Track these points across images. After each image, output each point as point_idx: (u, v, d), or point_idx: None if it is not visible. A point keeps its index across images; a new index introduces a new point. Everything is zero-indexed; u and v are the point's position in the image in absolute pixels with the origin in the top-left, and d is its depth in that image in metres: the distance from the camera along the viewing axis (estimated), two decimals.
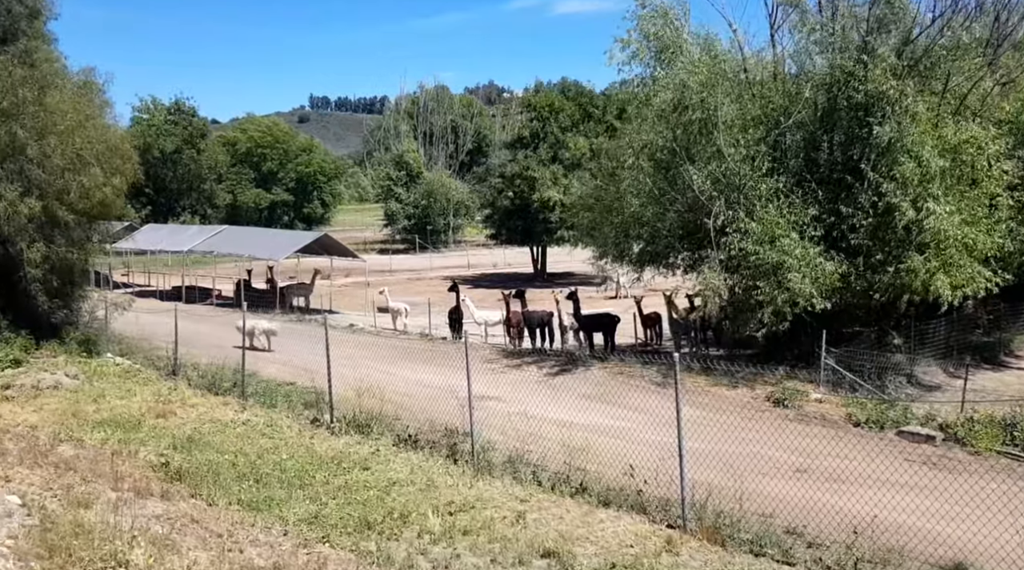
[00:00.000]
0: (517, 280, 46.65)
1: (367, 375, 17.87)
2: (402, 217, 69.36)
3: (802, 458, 13.17)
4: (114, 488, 8.94)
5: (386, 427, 13.88)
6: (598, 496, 10.46)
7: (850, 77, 17.14)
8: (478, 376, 19.50)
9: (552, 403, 15.82)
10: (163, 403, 14.64)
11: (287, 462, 11.62)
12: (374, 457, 12.11)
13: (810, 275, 16.52)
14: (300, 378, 19.23)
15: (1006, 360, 23.10)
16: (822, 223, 17.40)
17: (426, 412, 14.64)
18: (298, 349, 23.52)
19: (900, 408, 15.61)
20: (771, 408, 16.44)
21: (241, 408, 15.08)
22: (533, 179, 42.46)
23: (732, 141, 17.66)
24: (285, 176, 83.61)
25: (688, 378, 18.73)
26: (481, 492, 10.63)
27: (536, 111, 45.07)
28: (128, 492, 8.75)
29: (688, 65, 17.91)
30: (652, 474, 11.07)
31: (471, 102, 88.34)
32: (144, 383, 17.03)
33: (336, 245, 35.19)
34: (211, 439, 12.44)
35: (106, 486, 9.00)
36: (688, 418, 15.59)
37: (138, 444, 11.68)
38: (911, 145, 16.26)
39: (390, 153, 71.88)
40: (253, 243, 34.91)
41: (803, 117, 17.91)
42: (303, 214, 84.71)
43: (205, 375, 18.62)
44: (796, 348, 18.55)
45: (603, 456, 12.20)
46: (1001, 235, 16.97)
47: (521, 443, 13.11)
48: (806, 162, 18.29)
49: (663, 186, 19.53)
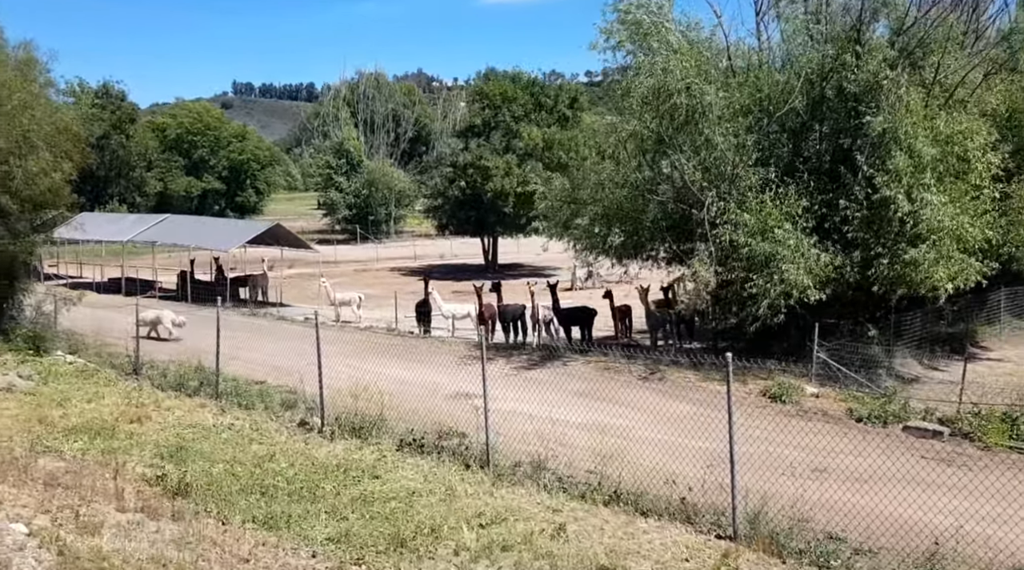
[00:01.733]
0: (467, 271, 45.86)
1: (342, 373, 16.98)
2: (343, 207, 67.69)
3: (817, 456, 12.84)
4: (119, 508, 7.98)
5: (384, 430, 13.03)
6: (635, 504, 9.86)
7: (842, 66, 16.89)
8: (456, 372, 18.94)
9: (544, 400, 15.23)
10: (135, 406, 13.51)
11: (289, 471, 10.73)
12: (381, 464, 11.29)
13: (805, 266, 16.24)
14: (269, 376, 18.26)
15: (973, 351, 23.39)
16: (814, 214, 17.14)
17: (417, 412, 13.84)
18: (260, 345, 22.49)
19: (898, 402, 15.45)
20: (768, 404, 16.10)
21: (220, 411, 14.05)
22: (486, 169, 41.67)
23: (721, 130, 17.24)
24: (217, 164, 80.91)
25: (676, 373, 18.39)
26: (508, 501, 9.94)
27: (488, 99, 44.24)
28: (137, 513, 7.79)
29: (671, 52, 17.41)
30: (679, 478, 10.59)
31: (411, 90, 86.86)
32: (106, 384, 15.81)
33: (288, 235, 33.88)
34: (199, 447, 11.44)
35: (109, 506, 8.03)
36: (681, 414, 15.29)
37: (122, 454, 10.62)
38: (905, 136, 16.09)
39: (329, 141, 69.98)
40: (199, 233, 33.31)
41: (793, 107, 17.60)
42: (236, 203, 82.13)
43: (166, 373, 17.47)
44: (784, 341, 18.30)
45: (617, 458, 11.67)
46: (988, 226, 16.97)
47: (524, 444, 12.46)
48: (796, 152, 18.03)
49: (647, 176, 19.04)
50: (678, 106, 17.18)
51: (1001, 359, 22.46)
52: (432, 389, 16.15)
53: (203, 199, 79.40)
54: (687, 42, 17.84)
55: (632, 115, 18.94)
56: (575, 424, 14.54)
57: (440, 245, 61.95)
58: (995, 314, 25.15)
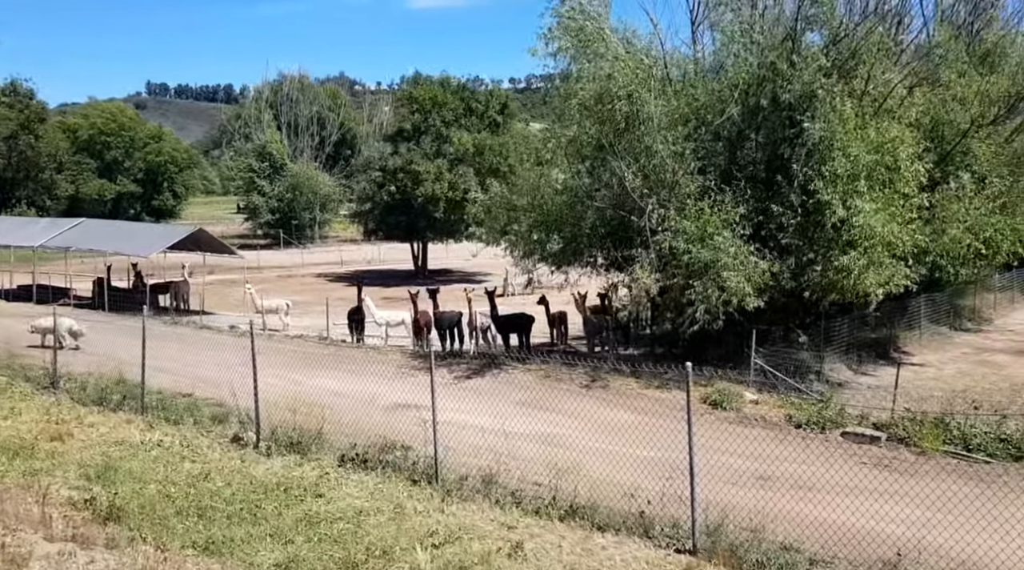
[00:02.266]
0: (397, 277, 45.22)
1: (273, 384, 16.37)
2: (265, 211, 66.03)
3: (759, 464, 12.88)
4: (47, 537, 7.39)
5: (323, 445, 12.53)
6: (591, 519, 9.64)
7: (777, 75, 17.12)
8: (393, 382, 18.50)
9: (485, 411, 14.96)
10: (55, 423, 12.70)
11: (226, 491, 10.18)
12: (324, 481, 10.83)
13: (744, 274, 16.37)
14: (196, 389, 17.49)
15: (896, 356, 24.04)
16: (750, 222, 17.30)
17: (356, 425, 13.39)
18: (184, 355, 21.52)
19: (834, 408, 15.67)
20: (709, 411, 16.14)
21: (147, 426, 13.33)
22: (417, 173, 41.12)
23: (661, 138, 17.27)
24: (132, 166, 78.06)
25: (617, 380, 18.32)
26: (460, 519, 9.61)
27: (418, 104, 43.71)
28: (68, 542, 7.21)
29: (613, 58, 17.39)
30: (632, 490, 10.44)
31: (336, 92, 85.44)
32: (21, 398, 14.88)
33: (211, 240, 32.70)
34: (128, 466, 10.77)
35: (35, 534, 7.43)
36: (627, 423, 15.22)
37: (45, 476, 9.91)
38: (840, 143, 16.37)
39: (252, 143, 68.23)
40: (118, 238, 31.83)
41: (729, 115, 17.76)
42: (152, 207, 79.44)
43: (85, 386, 16.56)
44: (721, 347, 18.43)
45: (569, 471, 11.48)
46: (917, 232, 17.41)
47: (471, 458, 12.16)
48: (733, 160, 18.19)
49: (587, 183, 18.96)
50: (619, 113, 17.14)
51: (923, 364, 23.11)
52: (369, 401, 15.62)
53: (117, 203, 76.51)
54: (625, 50, 17.83)
55: (571, 121, 18.86)
56: (521, 435, 14.26)
57: (366, 250, 61.00)
58: (915, 320, 25.90)
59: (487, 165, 42.41)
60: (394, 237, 47.97)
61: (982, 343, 26.34)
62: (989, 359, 23.68)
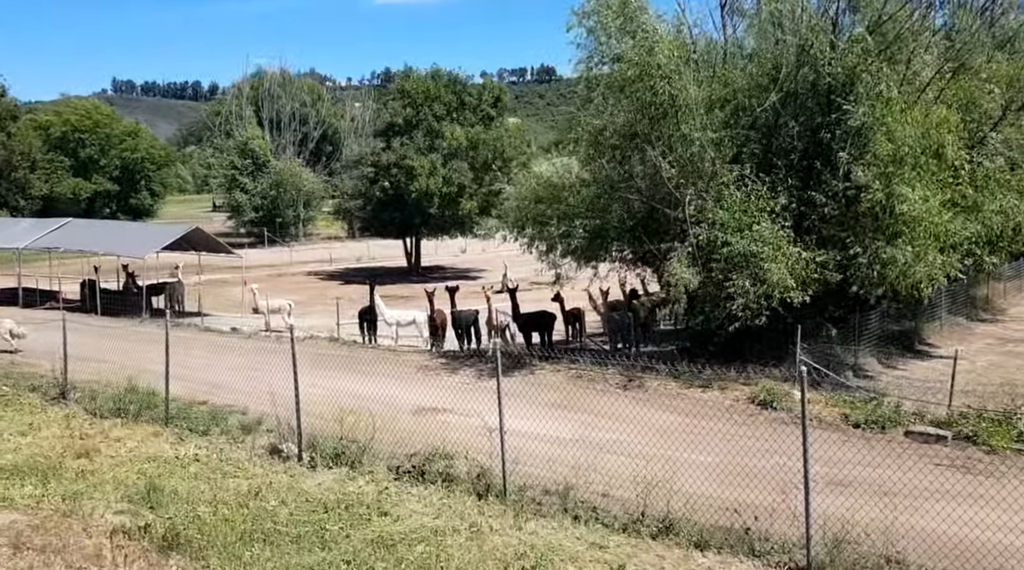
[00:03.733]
0: (390, 275, 44.27)
1: (288, 387, 15.54)
2: (248, 209, 64.59)
3: (830, 468, 12.21)
4: None
5: (369, 455, 11.70)
6: (688, 536, 8.89)
7: (818, 58, 16.46)
8: (415, 384, 17.70)
9: (521, 414, 14.19)
10: (79, 438, 11.77)
11: (282, 510, 9.34)
12: (385, 497, 10.01)
13: (787, 266, 15.71)
14: (210, 395, 16.62)
15: (922, 349, 23.58)
16: (791, 212, 16.65)
17: (391, 432, 12.53)
18: (190, 360, 20.49)
19: (889, 406, 15.08)
20: (758, 411, 15.47)
21: (176, 439, 12.43)
22: (411, 169, 40.17)
23: (698, 125, 16.56)
24: (108, 164, 76.15)
25: (654, 380, 17.60)
26: (543, 538, 8.83)
27: (410, 98, 42.70)
28: None
29: (650, 40, 16.63)
30: (705, 500, 9.74)
31: (314, 87, 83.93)
32: (32, 411, 13.89)
33: (208, 240, 31.57)
34: (170, 484, 9.89)
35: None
36: (675, 426, 14.46)
37: (85, 500, 9.00)
38: (886, 128, 15.75)
39: (233, 140, 66.72)
40: (109, 238, 30.57)
41: (767, 100, 17.08)
42: (129, 206, 77.54)
43: (95, 396, 15.58)
44: (759, 344, 17.78)
45: (627, 479, 10.77)
46: (965, 221, 16.87)
47: (521, 466, 11.36)
48: (769, 148, 17.52)
49: (616, 173, 18.21)
50: (659, 96, 16.39)
51: (951, 356, 22.63)
52: (393, 404, 14.85)
53: (92, 202, 74.58)
54: (664, 31, 17.12)
55: (602, 109, 18.08)
56: (567, 441, 13.54)
57: (354, 248, 59.94)
58: (936, 311, 25.46)
59: (481, 159, 41.64)
60: (387, 234, 46.97)
61: (1003, 333, 25.96)
62: (1015, 350, 23.24)
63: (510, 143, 42.04)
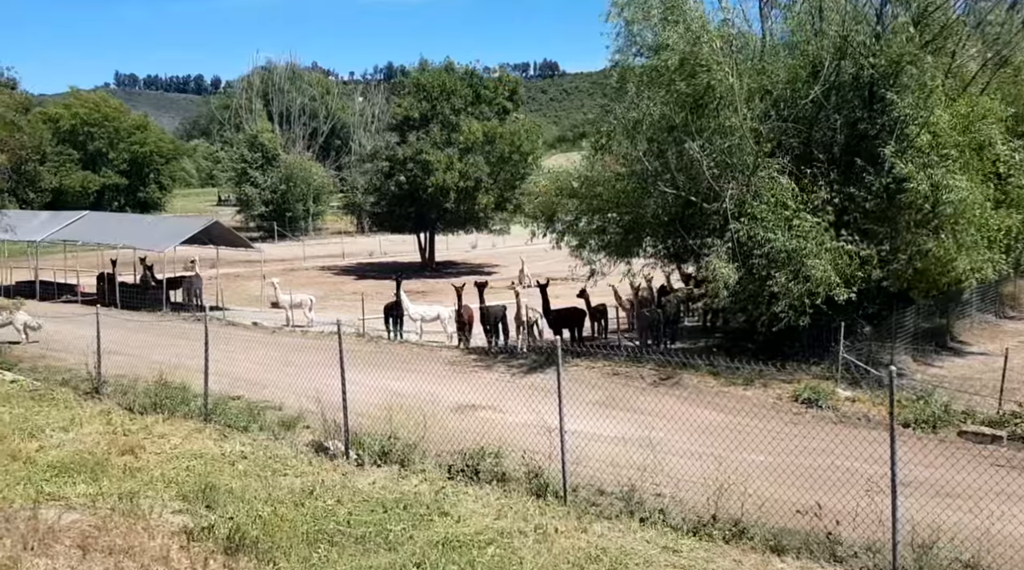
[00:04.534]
0: (404, 270, 43.89)
1: (327, 385, 15.26)
2: (258, 203, 64.24)
3: (888, 469, 11.92)
4: None
5: (417, 453, 11.43)
6: (763, 540, 8.61)
7: (863, 49, 16.15)
8: (451, 381, 17.42)
9: (556, 411, 13.95)
10: (122, 434, 11.49)
11: (340, 510, 9.07)
12: (442, 497, 9.72)
13: (831, 262, 15.42)
14: (243, 390, 16.39)
15: (954, 346, 23.27)
16: (833, 207, 16.34)
17: (434, 429, 12.24)
18: (217, 354, 20.25)
19: (936, 404, 14.79)
20: (803, 410, 15.18)
21: (220, 435, 12.14)
22: (427, 163, 39.84)
23: (739, 116, 16.26)
24: (116, 157, 75.87)
25: (693, 377, 17.31)
26: (612, 541, 8.53)
27: (426, 91, 42.34)
28: None
29: (696, 28, 16.33)
30: (767, 501, 9.46)
31: (322, 81, 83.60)
32: (67, 406, 13.59)
33: (227, 234, 31.29)
34: (223, 482, 9.61)
35: None
36: (721, 424, 14.19)
37: (140, 498, 8.73)
38: (931, 120, 15.45)
39: (243, 133, 66.35)
40: (129, 232, 30.28)
41: (808, 93, 16.78)
42: (137, 199, 77.30)
43: (127, 391, 15.33)
44: (797, 341, 17.49)
45: (685, 480, 10.52)
46: (1016, 213, 16.57)
47: (572, 465, 11.08)
48: (809, 141, 17.21)
49: (652, 166, 17.91)
50: (700, 86, 16.09)
51: (986, 353, 22.32)
52: (432, 401, 14.52)
53: (100, 195, 74.35)
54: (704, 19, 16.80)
55: (638, 100, 17.75)
56: (613, 439, 13.26)
57: (364, 242, 59.65)
58: (967, 308, 25.16)
59: (498, 154, 41.31)
60: (402, 228, 46.64)
61: None
62: None
63: (527, 137, 41.66)
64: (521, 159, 41.33)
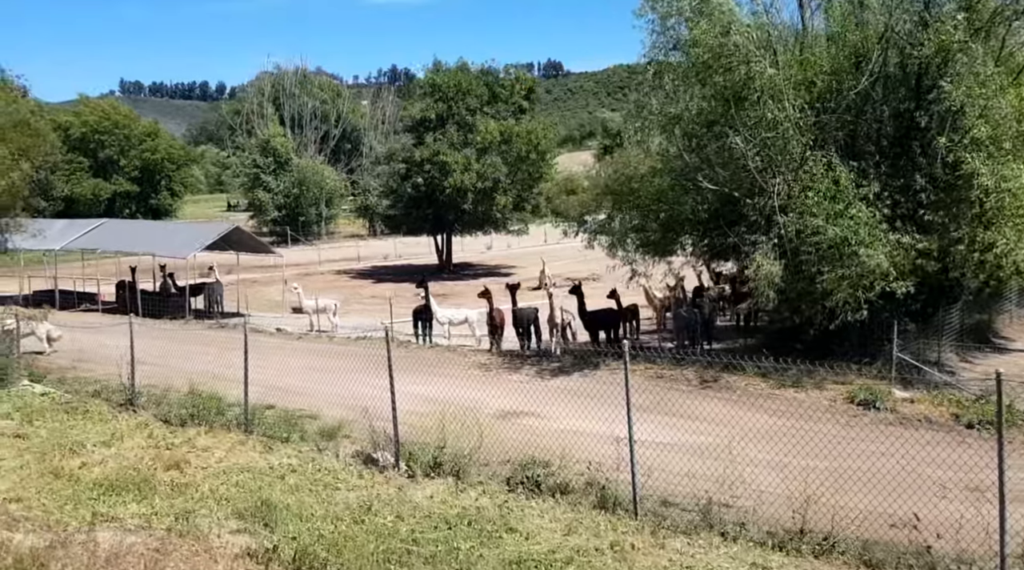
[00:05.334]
0: (422, 272, 43.44)
1: (364, 393, 14.79)
2: (271, 207, 63.91)
3: (961, 474, 11.33)
4: None
5: (472, 464, 10.95)
6: (855, 555, 8.09)
7: (910, 38, 15.63)
8: (489, 386, 16.93)
9: (607, 417, 13.38)
10: (165, 448, 11.05)
11: (401, 527, 8.60)
12: (507, 511, 9.24)
13: (886, 253, 14.89)
14: (277, 399, 15.88)
15: (998, 342, 22.71)
16: (883, 200, 15.79)
17: (480, 438, 11.72)
18: (241, 361, 19.79)
19: (995, 404, 14.20)
20: (861, 412, 14.63)
21: (264, 448, 11.69)
22: (445, 164, 39.37)
23: (785, 108, 15.75)
24: (128, 164, 75.58)
25: (741, 379, 16.79)
26: (696, 559, 8.03)
27: (441, 92, 41.88)
28: None
29: (727, 20, 15.85)
30: (843, 511, 8.92)
31: (331, 85, 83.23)
32: (101, 419, 13.16)
33: (248, 239, 30.91)
34: (276, 497, 9.15)
35: None
36: (776, 429, 13.60)
37: (195, 517, 8.27)
38: (987, 106, 14.91)
39: (255, 138, 66.05)
40: (149, 239, 29.90)
41: (855, 82, 16.25)
42: (149, 206, 76.98)
43: (160, 402, 14.89)
44: (846, 340, 16.95)
45: (745, 488, 10.03)
46: None
47: (623, 473, 10.57)
48: (856, 132, 16.68)
49: (693, 162, 17.41)
50: (739, 78, 15.60)
51: None
52: (473, 408, 13.97)
53: (112, 203, 74.04)
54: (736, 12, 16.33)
55: (674, 96, 17.28)
56: (662, 445, 12.68)
57: (378, 245, 59.26)
58: (1006, 303, 24.58)
59: (515, 153, 40.84)
60: (419, 231, 46.20)
61: None
62: None
63: (544, 135, 41.21)
64: (539, 158, 40.86)
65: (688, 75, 16.84)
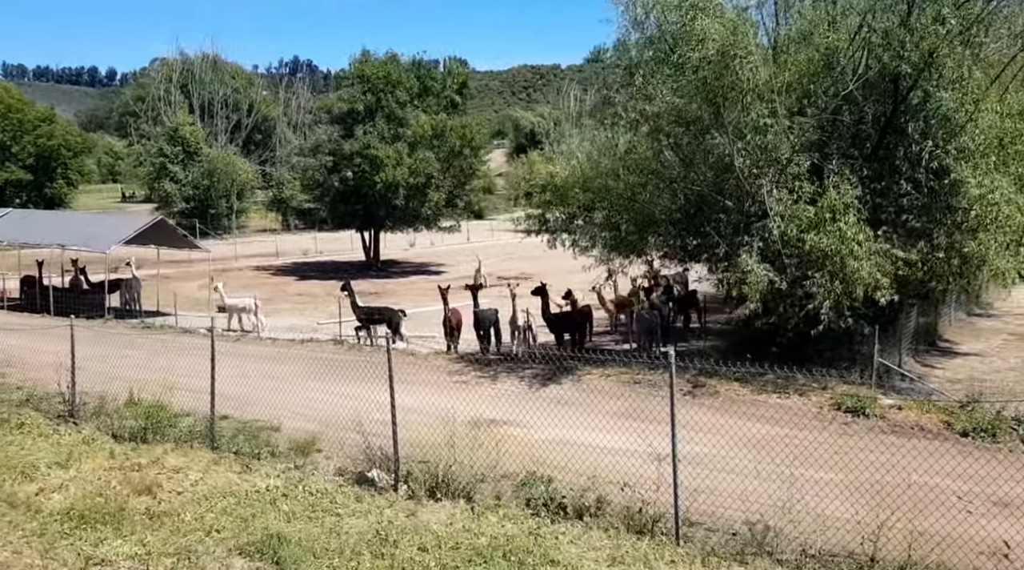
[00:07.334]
0: (349, 270, 41.83)
1: (319, 400, 13.67)
2: (179, 199, 60.67)
3: (975, 485, 11.04)
4: None
5: (492, 484, 10.00)
6: None
7: (892, 41, 15.41)
8: (455, 393, 16.00)
9: (588, 426, 12.77)
10: (132, 469, 9.68)
11: (428, 560, 7.66)
12: (540, 540, 8.33)
13: (875, 263, 14.64)
14: (226, 408, 14.43)
15: (943, 345, 23.05)
16: (865, 205, 15.55)
17: (461, 450, 10.80)
18: (177, 366, 18.04)
19: (983, 412, 14.14)
20: (851, 420, 14.26)
21: (242, 467, 10.43)
22: (376, 158, 37.89)
23: (771, 111, 15.33)
24: (21, 151, 70.83)
25: (722, 385, 16.28)
26: None
27: (370, 83, 40.32)
28: None
29: (722, 18, 15.33)
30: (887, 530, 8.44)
31: (242, 72, 79.99)
32: (42, 435, 11.60)
33: (172, 233, 28.85)
34: (277, 528, 8.00)
35: None
36: (771, 437, 13.08)
37: (196, 557, 7.07)
38: (974, 114, 14.83)
39: (161, 126, 62.67)
40: (59, 230, 27.38)
41: (833, 86, 15.97)
42: (44, 195, 72.32)
43: (101, 412, 13.33)
44: (821, 346, 16.68)
45: (756, 502, 9.45)
46: None
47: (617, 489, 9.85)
48: (839, 135, 16.42)
49: (668, 161, 16.84)
50: (726, 79, 15.07)
51: (979, 353, 22.15)
52: (444, 417, 12.96)
53: (2, 191, 69.25)
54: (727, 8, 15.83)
55: (649, 92, 16.63)
56: (654, 456, 12.04)
57: (295, 240, 57.09)
58: (945, 306, 25.04)
59: (447, 148, 39.75)
60: (347, 226, 44.49)
61: (1011, 328, 25.81)
62: None
63: (478, 131, 40.26)
64: (472, 154, 39.90)
65: (666, 71, 16.21)
